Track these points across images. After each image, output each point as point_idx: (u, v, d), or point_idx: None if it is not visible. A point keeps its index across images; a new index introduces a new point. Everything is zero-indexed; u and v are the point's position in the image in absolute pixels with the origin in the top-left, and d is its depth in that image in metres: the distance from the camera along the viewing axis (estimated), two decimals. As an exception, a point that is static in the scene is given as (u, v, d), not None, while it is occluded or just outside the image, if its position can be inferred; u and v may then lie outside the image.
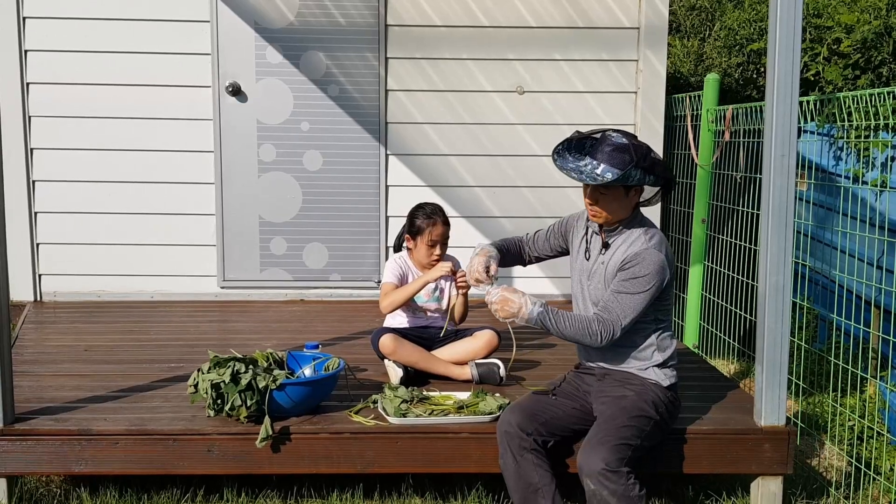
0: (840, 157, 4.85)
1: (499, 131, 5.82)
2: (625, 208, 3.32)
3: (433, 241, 4.13)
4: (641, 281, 3.23)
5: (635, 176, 3.19)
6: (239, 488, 3.66)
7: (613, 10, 5.74)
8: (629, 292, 3.24)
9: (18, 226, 5.57)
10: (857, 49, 5.54)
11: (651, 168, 3.21)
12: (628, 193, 3.29)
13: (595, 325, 3.24)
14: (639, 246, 3.28)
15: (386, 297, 4.14)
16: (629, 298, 3.24)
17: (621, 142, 3.19)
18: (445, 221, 4.18)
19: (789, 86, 3.38)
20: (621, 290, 3.25)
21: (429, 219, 4.14)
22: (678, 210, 5.96)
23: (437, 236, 4.14)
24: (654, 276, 3.24)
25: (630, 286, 3.24)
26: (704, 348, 5.51)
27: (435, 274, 4.04)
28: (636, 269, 3.25)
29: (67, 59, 5.54)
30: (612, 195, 3.27)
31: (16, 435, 3.42)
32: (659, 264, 3.25)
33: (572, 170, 3.21)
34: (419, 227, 4.15)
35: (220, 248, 5.78)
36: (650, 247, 3.27)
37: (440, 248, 4.15)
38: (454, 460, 3.51)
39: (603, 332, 3.24)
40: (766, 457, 3.56)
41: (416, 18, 5.69)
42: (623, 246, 3.32)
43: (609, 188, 3.24)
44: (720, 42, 7.09)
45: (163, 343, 4.74)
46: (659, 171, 3.25)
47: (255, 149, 5.72)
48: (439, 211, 4.20)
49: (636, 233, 3.33)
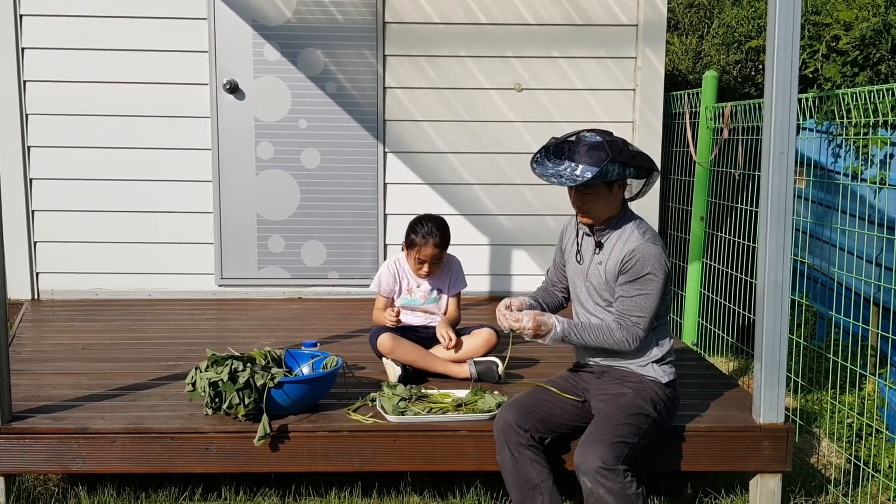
0: (839, 155, 4.84)
1: (497, 129, 5.81)
2: (611, 205, 3.34)
3: (421, 259, 4.16)
4: (649, 278, 3.25)
5: (614, 171, 3.22)
6: (237, 486, 3.65)
7: (612, 8, 5.73)
8: (642, 293, 3.26)
9: (16, 224, 5.56)
10: (856, 46, 5.54)
11: (629, 161, 3.24)
12: (612, 189, 3.31)
13: (618, 334, 3.28)
14: (634, 242, 3.30)
15: (376, 313, 4.27)
16: (643, 299, 3.26)
17: (595, 140, 3.23)
18: (438, 244, 4.17)
19: (788, 83, 3.38)
20: (633, 294, 3.27)
21: (423, 238, 4.16)
22: (676, 207, 5.96)
23: (426, 257, 4.16)
24: (658, 270, 3.26)
25: (640, 286, 3.26)
26: (703, 346, 5.51)
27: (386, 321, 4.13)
28: (639, 268, 3.26)
29: (65, 56, 5.53)
30: (596, 194, 3.29)
31: (13, 433, 3.41)
32: (658, 257, 3.28)
33: (552, 175, 3.25)
34: (412, 241, 4.18)
35: (217, 246, 5.77)
36: (645, 241, 3.29)
37: (429, 267, 4.18)
38: (452, 458, 3.51)
39: (628, 337, 3.28)
40: (765, 454, 3.56)
41: (414, 16, 5.68)
42: (619, 243, 3.32)
43: (591, 187, 3.27)
44: (718, 39, 7.08)
45: (160, 341, 4.73)
46: (638, 162, 3.28)
47: (252, 146, 5.71)
48: (434, 233, 4.16)
49: (628, 229, 3.35)
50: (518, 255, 5.92)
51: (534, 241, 5.88)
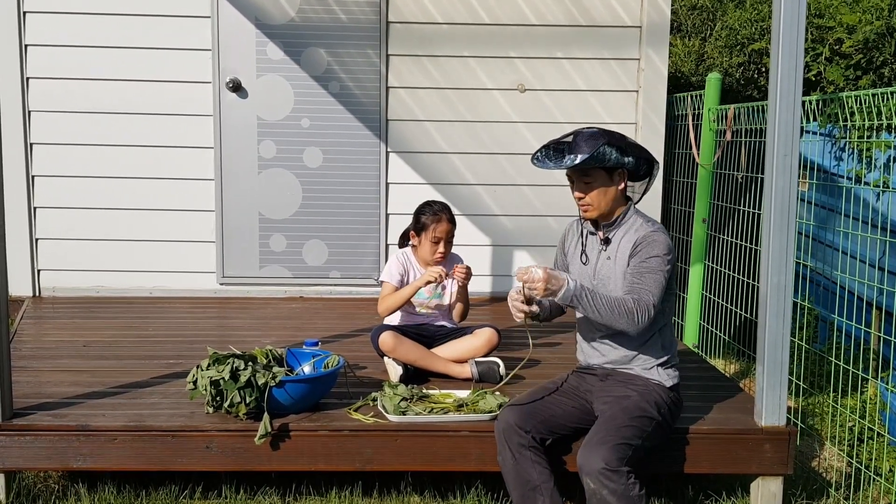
0: (841, 158, 4.84)
1: (500, 129, 5.81)
2: (613, 196, 3.34)
3: (437, 237, 4.13)
4: (659, 260, 3.25)
5: (611, 154, 3.24)
6: (237, 485, 3.65)
7: (615, 9, 5.73)
8: (652, 271, 3.24)
9: (18, 221, 5.56)
10: (859, 49, 5.53)
11: (626, 150, 3.28)
12: (612, 177, 3.31)
13: (630, 304, 3.19)
14: (642, 231, 3.31)
15: (384, 301, 4.16)
16: (653, 277, 3.23)
17: (592, 130, 3.30)
18: (451, 220, 4.18)
19: (792, 85, 3.37)
20: (644, 271, 3.25)
21: (434, 215, 4.14)
22: (679, 209, 5.96)
23: (442, 233, 4.13)
24: (667, 254, 3.27)
25: (651, 264, 3.25)
26: (704, 348, 5.50)
27: (425, 278, 4.05)
28: (648, 250, 3.26)
29: (68, 54, 5.53)
30: (598, 182, 3.30)
31: (14, 430, 3.41)
32: (667, 245, 3.29)
33: (554, 167, 3.31)
34: (424, 224, 4.15)
35: (219, 245, 5.77)
36: (654, 230, 3.31)
37: (444, 245, 4.14)
38: (453, 458, 3.51)
39: (639, 311, 3.19)
40: (766, 457, 3.55)
41: (417, 15, 5.68)
42: (627, 235, 3.33)
43: (591, 175, 3.29)
44: (721, 42, 7.08)
45: (162, 339, 4.73)
46: (635, 152, 3.31)
47: (255, 145, 5.71)
48: (446, 209, 4.20)
49: (638, 222, 3.36)
50: (520, 255, 5.92)
51: (535, 241, 5.87)
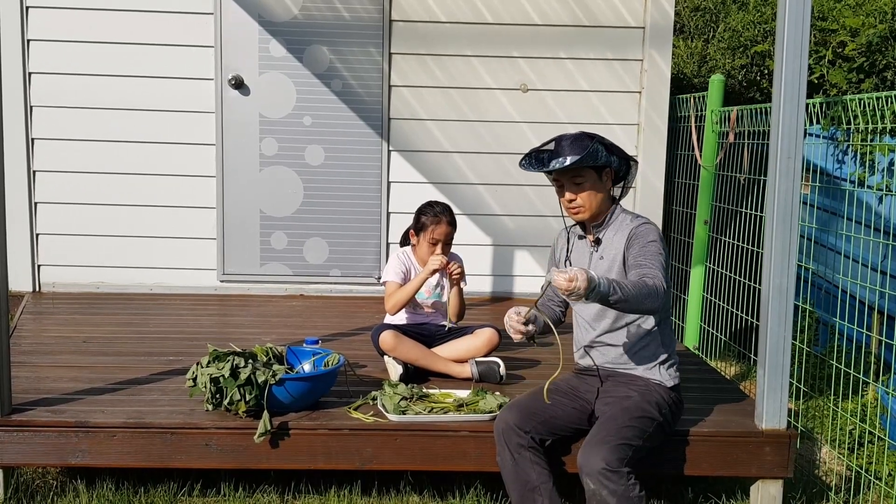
0: (843, 161, 4.83)
1: (502, 129, 5.80)
2: (602, 196, 3.34)
3: (435, 239, 4.12)
4: (656, 244, 3.26)
5: (601, 152, 3.26)
6: (236, 483, 3.64)
7: (619, 10, 5.72)
8: (653, 254, 3.24)
9: (18, 216, 5.55)
10: (862, 52, 5.53)
11: (611, 148, 3.31)
12: (601, 176, 3.33)
13: (649, 283, 3.12)
14: (634, 224, 3.34)
15: (391, 298, 4.14)
16: (657, 258, 3.23)
17: (574, 134, 3.31)
18: (451, 222, 4.17)
19: (796, 88, 3.37)
20: (647, 254, 3.24)
21: (435, 217, 4.13)
22: (680, 211, 5.95)
23: (440, 235, 4.12)
24: (661, 240, 3.29)
25: (650, 249, 3.25)
26: (705, 350, 5.49)
27: (430, 267, 4.05)
28: (644, 238, 3.28)
29: (70, 49, 5.52)
30: (589, 181, 3.30)
31: (13, 426, 3.40)
32: (659, 233, 3.31)
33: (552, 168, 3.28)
34: (423, 224, 4.15)
35: (220, 242, 5.76)
36: (645, 221, 3.35)
37: (442, 247, 4.14)
38: (453, 458, 3.50)
39: (657, 283, 3.12)
40: (766, 460, 3.55)
41: (420, 14, 5.67)
42: (618, 233, 3.35)
43: (582, 175, 3.29)
44: (724, 44, 7.07)
45: (162, 336, 4.73)
46: (617, 152, 3.35)
47: (256, 142, 5.70)
48: (447, 211, 4.19)
49: (627, 219, 3.38)
50: (521, 255, 5.92)
51: (537, 242, 5.87)
